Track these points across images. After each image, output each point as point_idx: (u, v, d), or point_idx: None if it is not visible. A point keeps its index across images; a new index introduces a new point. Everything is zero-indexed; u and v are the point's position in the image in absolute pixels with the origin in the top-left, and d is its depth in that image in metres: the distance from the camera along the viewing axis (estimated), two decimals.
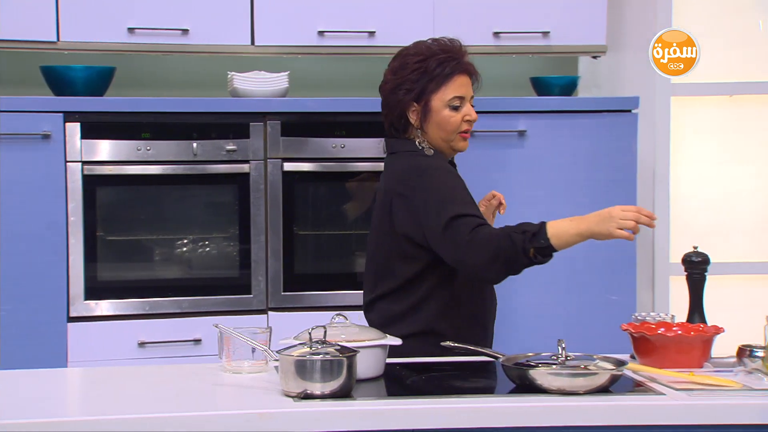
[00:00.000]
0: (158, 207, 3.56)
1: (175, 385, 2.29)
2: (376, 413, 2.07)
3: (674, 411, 2.09)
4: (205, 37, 3.56)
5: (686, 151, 4.08)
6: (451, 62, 2.65)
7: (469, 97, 2.68)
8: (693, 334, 2.40)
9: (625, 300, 3.68)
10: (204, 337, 3.45)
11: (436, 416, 2.08)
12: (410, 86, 2.65)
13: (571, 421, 2.08)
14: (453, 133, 2.67)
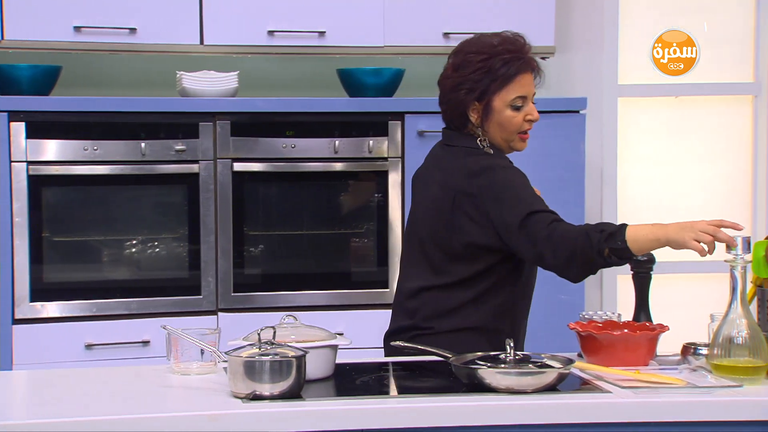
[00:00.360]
0: (106, 207, 3.52)
1: (122, 387, 2.27)
2: (325, 413, 2.07)
3: (620, 409, 2.11)
4: (153, 37, 3.53)
5: (633, 151, 4.13)
6: (516, 62, 2.55)
7: (531, 95, 2.59)
8: (639, 333, 2.43)
9: (574, 299, 3.71)
10: (152, 339, 3.42)
11: (385, 416, 2.08)
12: (472, 86, 2.56)
13: (518, 420, 2.10)
14: (514, 133, 2.60)
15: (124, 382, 2.31)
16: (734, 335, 2.26)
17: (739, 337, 2.25)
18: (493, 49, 2.57)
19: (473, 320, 2.57)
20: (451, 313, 2.58)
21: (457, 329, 2.54)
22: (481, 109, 2.58)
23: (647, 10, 4.10)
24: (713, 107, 4.14)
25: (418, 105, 3.66)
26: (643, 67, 4.10)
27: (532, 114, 2.60)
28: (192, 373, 2.34)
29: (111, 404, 2.13)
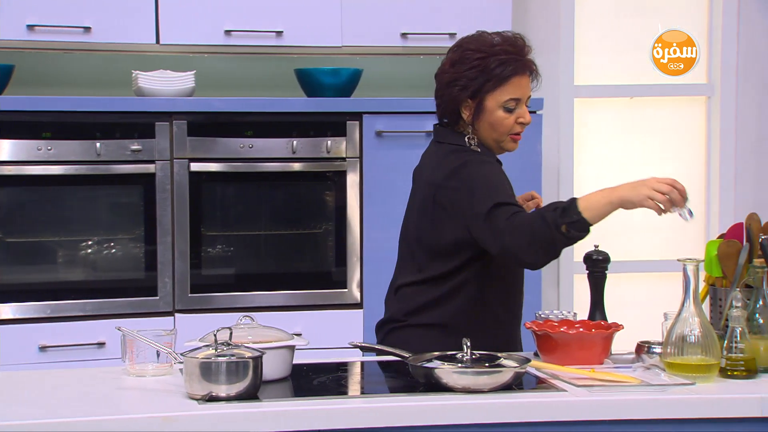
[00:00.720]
0: (61, 208, 3.49)
1: (77, 389, 2.25)
2: (281, 414, 2.06)
3: (574, 407, 2.13)
4: (108, 36, 3.50)
5: (589, 151, 4.17)
6: (512, 63, 2.55)
7: (525, 97, 2.59)
8: (594, 332, 2.45)
9: (531, 298, 3.71)
10: (108, 341, 3.39)
11: (341, 416, 2.08)
12: (466, 83, 2.55)
13: (475, 419, 2.11)
14: (504, 134, 2.60)
15: (78, 384, 2.29)
16: (687, 333, 2.29)
17: (692, 335, 2.28)
18: (491, 48, 2.56)
19: (445, 316, 2.57)
20: (423, 308, 2.59)
21: (430, 324, 2.55)
22: (474, 108, 2.57)
23: (603, 11, 4.14)
24: (667, 108, 4.19)
25: (376, 105, 3.66)
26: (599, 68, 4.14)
27: (524, 117, 2.60)
28: (147, 374, 2.32)
29: (65, 407, 2.11)
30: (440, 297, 2.57)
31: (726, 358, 2.31)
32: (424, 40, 3.76)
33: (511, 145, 2.64)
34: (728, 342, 2.32)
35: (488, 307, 2.60)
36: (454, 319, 2.56)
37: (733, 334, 2.31)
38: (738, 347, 2.31)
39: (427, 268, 2.59)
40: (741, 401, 2.17)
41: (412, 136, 3.67)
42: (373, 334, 3.55)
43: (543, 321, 2.52)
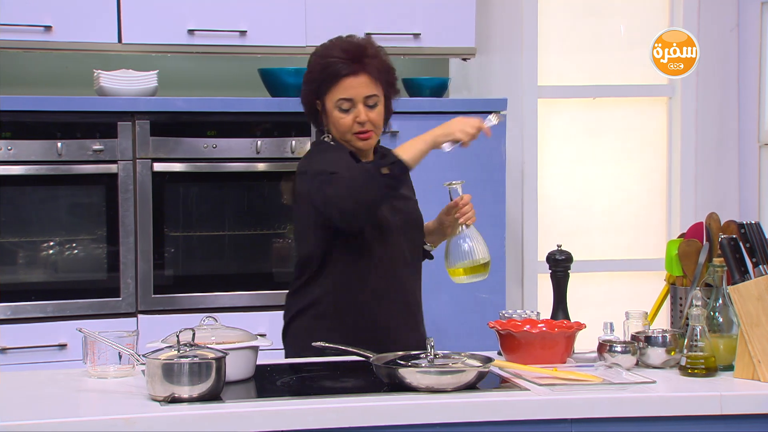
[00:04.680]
0: (21, 208, 3.45)
1: (37, 391, 2.23)
2: (244, 415, 2.06)
3: (537, 406, 2.14)
4: (69, 34, 3.47)
5: (552, 152, 4.19)
6: (344, 64, 2.66)
7: (360, 97, 2.66)
8: (556, 331, 2.46)
9: (496, 298, 3.75)
10: (70, 342, 3.36)
11: (305, 417, 2.08)
12: (310, 86, 2.71)
13: (438, 419, 2.11)
14: (345, 133, 2.70)
15: (39, 387, 2.27)
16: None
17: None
18: (328, 51, 2.71)
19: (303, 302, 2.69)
20: (289, 299, 2.74)
21: (293, 314, 2.70)
22: (321, 109, 2.72)
23: (566, 12, 4.17)
24: (630, 108, 4.23)
25: None
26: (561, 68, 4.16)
27: (360, 116, 2.68)
28: (109, 376, 2.30)
29: (25, 409, 2.09)
30: (308, 281, 2.68)
31: (686, 356, 2.34)
32: (387, 40, 3.73)
33: (359, 143, 2.73)
34: (688, 340, 2.34)
35: (348, 288, 2.68)
36: (322, 302, 2.68)
37: (694, 333, 2.34)
38: (698, 346, 2.33)
39: (298, 255, 2.75)
40: (701, 399, 2.19)
41: None
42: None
43: (506, 320, 2.54)
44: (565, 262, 2.64)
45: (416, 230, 2.80)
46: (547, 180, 4.16)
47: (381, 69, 2.71)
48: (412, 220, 2.79)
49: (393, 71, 2.78)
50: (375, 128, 2.72)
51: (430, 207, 3.65)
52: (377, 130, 2.73)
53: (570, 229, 4.15)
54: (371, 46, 2.72)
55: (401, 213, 2.75)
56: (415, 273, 2.79)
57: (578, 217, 4.20)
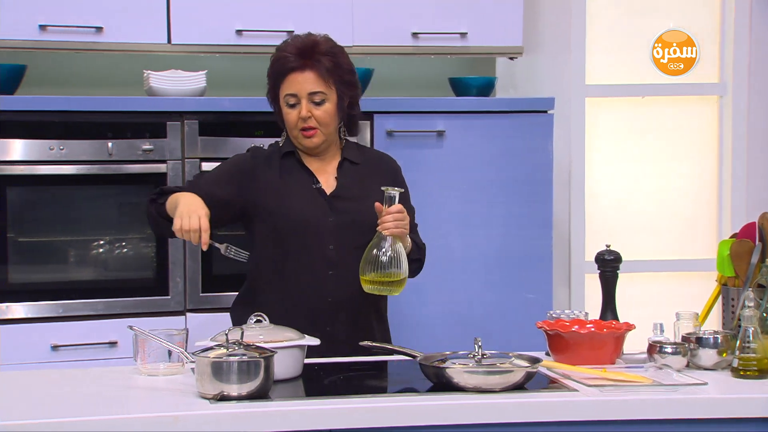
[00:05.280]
0: (72, 208, 3.49)
1: (89, 388, 2.25)
2: (292, 414, 2.07)
3: (586, 407, 2.13)
4: (120, 35, 3.51)
5: (600, 151, 4.16)
6: (290, 60, 2.70)
7: (305, 93, 2.70)
8: (605, 331, 2.44)
9: (542, 298, 3.73)
10: (120, 340, 3.40)
11: (352, 416, 2.08)
12: (269, 81, 2.79)
13: (486, 419, 2.11)
14: (292, 129, 2.75)
15: (90, 384, 2.30)
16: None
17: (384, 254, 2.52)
18: (282, 46, 2.77)
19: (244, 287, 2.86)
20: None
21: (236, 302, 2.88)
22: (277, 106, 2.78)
23: (614, 10, 4.13)
24: (679, 107, 4.18)
25: (387, 105, 3.66)
26: (610, 66, 4.13)
27: (302, 111, 2.71)
28: (159, 374, 2.33)
29: (77, 406, 2.11)
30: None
31: (738, 358, 2.30)
32: (435, 39, 3.76)
33: (304, 140, 2.76)
34: (740, 342, 2.31)
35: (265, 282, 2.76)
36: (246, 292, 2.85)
37: (746, 334, 2.31)
38: (750, 347, 2.30)
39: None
40: (753, 401, 2.16)
41: (422, 135, 3.67)
42: None
43: (554, 321, 2.52)
44: (614, 262, 2.61)
45: (351, 232, 2.72)
46: (594, 180, 4.13)
47: (332, 67, 2.71)
48: (348, 222, 2.73)
49: (351, 72, 2.77)
50: (320, 126, 2.72)
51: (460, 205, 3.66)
52: (323, 128, 2.72)
53: (618, 229, 4.11)
54: (325, 43, 2.74)
55: (337, 213, 2.74)
56: (348, 274, 2.67)
57: (626, 217, 4.16)
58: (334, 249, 2.72)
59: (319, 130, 2.72)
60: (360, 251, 2.66)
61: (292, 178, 2.77)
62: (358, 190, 2.76)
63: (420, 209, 3.67)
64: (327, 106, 2.71)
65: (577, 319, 2.52)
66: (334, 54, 2.73)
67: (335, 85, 2.72)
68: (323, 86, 2.69)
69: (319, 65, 2.70)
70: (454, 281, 3.67)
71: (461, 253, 3.67)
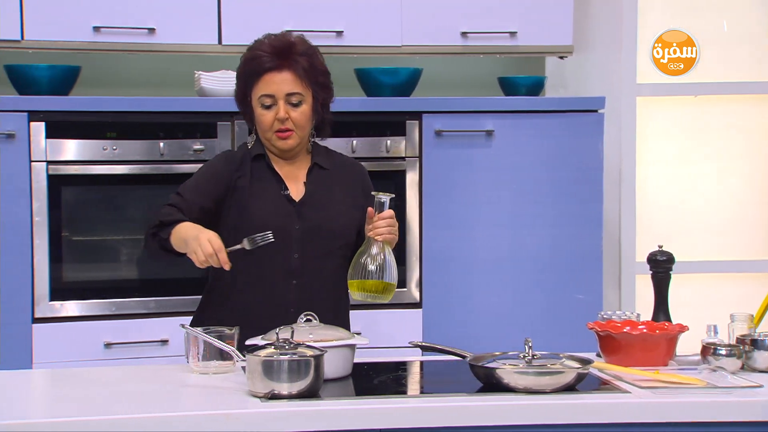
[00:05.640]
0: (124, 207, 3.53)
1: (141, 386, 2.28)
2: (342, 413, 2.07)
3: (639, 409, 2.11)
4: (171, 36, 3.54)
5: (651, 150, 4.11)
6: (268, 58, 2.62)
7: (282, 94, 2.62)
8: (658, 333, 2.42)
9: (592, 299, 3.70)
10: (171, 338, 3.43)
11: (402, 416, 2.08)
12: (239, 81, 2.69)
13: (537, 420, 2.09)
14: (266, 131, 2.65)
15: (142, 381, 2.32)
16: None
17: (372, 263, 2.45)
18: (255, 45, 2.68)
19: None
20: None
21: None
22: (248, 106, 2.68)
23: (665, 8, 4.08)
24: (732, 106, 4.12)
25: (436, 104, 3.66)
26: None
27: (279, 113, 2.63)
28: (210, 372, 2.34)
29: (129, 403, 2.14)
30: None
31: None
32: (483, 39, 3.74)
33: (279, 142, 2.67)
34: None
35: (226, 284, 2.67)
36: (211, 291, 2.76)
37: None
38: None
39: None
40: None
41: (471, 135, 3.66)
42: (433, 334, 3.56)
43: (605, 321, 2.50)
44: (667, 263, 2.58)
45: (317, 240, 2.65)
46: (645, 179, 4.09)
47: (309, 68, 2.64)
48: (315, 230, 2.66)
49: (325, 74, 2.70)
50: (297, 128, 2.64)
51: (510, 205, 3.65)
52: (299, 130, 2.65)
53: (669, 229, 4.06)
54: (302, 43, 2.67)
55: (304, 221, 2.65)
56: (313, 283, 2.64)
57: (678, 218, 4.12)
58: (298, 258, 2.64)
59: (294, 132, 2.64)
60: (325, 260, 2.63)
61: (261, 184, 2.68)
62: (326, 196, 2.69)
63: (469, 209, 3.67)
64: (304, 108, 2.64)
65: (628, 320, 2.50)
66: (310, 55, 2.65)
67: (311, 86, 2.64)
68: (300, 87, 2.62)
69: (296, 65, 2.62)
70: (503, 281, 3.65)
71: (510, 253, 3.66)
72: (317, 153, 2.75)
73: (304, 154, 2.73)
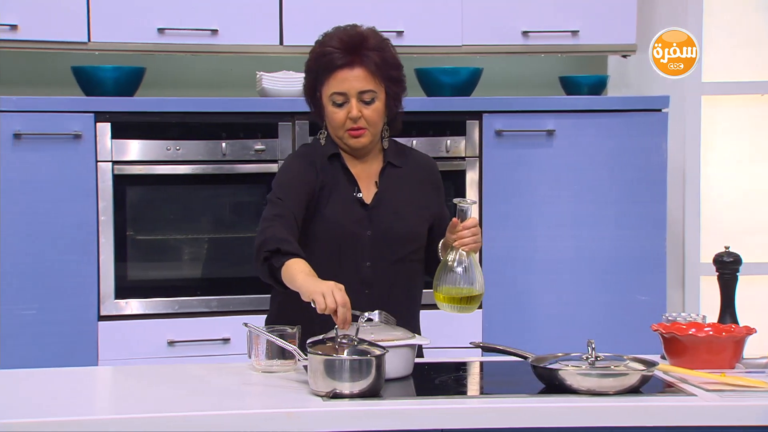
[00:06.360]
0: (187, 206, 3.57)
1: (204, 383, 2.30)
2: (404, 413, 2.07)
3: (705, 412, 2.07)
4: (234, 37, 3.57)
5: (716, 150, 4.05)
6: (339, 54, 2.52)
7: (354, 92, 2.52)
8: (724, 335, 2.38)
9: (654, 300, 3.65)
10: (232, 336, 3.46)
11: (464, 416, 2.07)
12: (308, 76, 2.60)
13: (600, 422, 2.07)
14: (338, 129, 2.56)
15: (205, 379, 2.34)
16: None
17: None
18: (325, 40, 2.58)
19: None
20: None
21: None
22: (317, 102, 2.59)
23: (732, 5, 4.02)
24: None
25: (496, 104, 3.64)
26: (727, 64, 4.02)
27: (352, 111, 2.53)
28: (272, 370, 2.36)
29: (192, 401, 2.16)
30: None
31: None
32: (545, 38, 3.72)
33: (351, 141, 2.58)
34: None
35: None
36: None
37: None
38: None
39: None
40: None
41: (532, 135, 3.64)
42: (493, 334, 3.54)
43: (670, 323, 2.47)
44: (734, 264, 2.54)
45: (389, 245, 2.57)
46: (710, 179, 4.03)
47: (381, 63, 2.53)
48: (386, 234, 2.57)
49: (398, 67, 2.59)
50: (369, 126, 2.55)
51: (571, 206, 3.61)
52: (372, 128, 2.55)
53: (735, 230, 4.00)
54: (373, 37, 2.56)
55: (375, 226, 2.56)
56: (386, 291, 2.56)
57: (743, 218, 4.05)
58: (370, 266, 2.56)
59: (367, 129, 2.54)
60: (397, 266, 2.57)
61: (336, 186, 2.59)
62: (397, 197, 2.60)
63: (529, 209, 3.65)
64: (377, 105, 2.54)
65: (693, 322, 2.46)
66: (382, 49, 2.54)
67: (383, 81, 2.54)
68: (372, 84, 2.52)
69: (368, 61, 2.51)
70: (564, 282, 3.62)
71: (572, 253, 3.63)
72: (390, 150, 2.65)
73: (377, 152, 2.64)
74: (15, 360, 3.29)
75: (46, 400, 2.16)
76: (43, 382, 2.33)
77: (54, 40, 3.47)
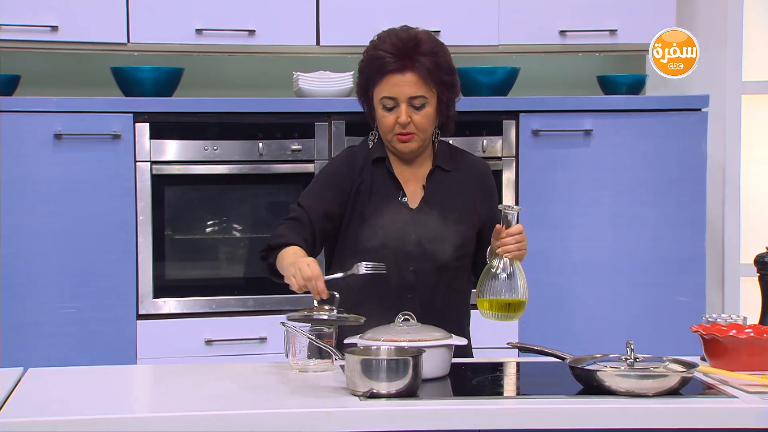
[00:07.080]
0: (224, 206, 3.59)
1: (242, 382, 2.31)
2: (441, 413, 2.06)
3: (747, 414, 2.05)
4: (271, 38, 3.59)
5: (757, 149, 4.01)
6: (391, 58, 2.49)
7: (404, 97, 2.49)
8: (765, 336, 2.35)
9: (694, 301, 3.62)
10: (269, 336, 3.48)
11: (501, 417, 2.06)
12: (361, 78, 2.59)
13: (639, 424, 2.06)
14: (387, 133, 2.54)
15: (243, 378, 2.35)
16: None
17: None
18: (378, 42, 2.56)
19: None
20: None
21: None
22: (369, 104, 2.58)
23: None
24: None
25: (533, 104, 3.62)
26: None
27: (401, 117, 2.50)
28: (309, 370, 2.36)
29: (230, 400, 2.17)
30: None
31: None
32: (582, 37, 3.70)
33: (399, 146, 2.56)
34: None
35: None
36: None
37: None
38: None
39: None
40: None
41: (569, 135, 3.62)
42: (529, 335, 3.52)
43: (710, 325, 2.44)
44: None
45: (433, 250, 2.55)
46: (750, 179, 3.98)
47: (433, 68, 2.49)
48: (431, 239, 2.55)
49: (451, 71, 2.55)
50: (419, 131, 2.52)
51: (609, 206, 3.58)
52: (421, 133, 2.53)
53: None
54: (427, 41, 2.52)
55: (420, 230, 2.55)
56: (431, 297, 2.55)
57: None
58: (414, 271, 2.55)
59: (416, 135, 2.52)
60: (442, 272, 2.55)
61: (380, 190, 2.58)
62: (444, 202, 2.57)
63: (567, 209, 3.63)
64: (427, 110, 2.51)
65: (734, 324, 2.43)
66: (435, 53, 2.51)
67: (435, 87, 2.50)
68: (424, 89, 2.49)
69: (420, 66, 2.48)
70: (602, 282, 3.60)
71: (610, 253, 3.60)
72: (440, 153, 2.63)
73: (427, 155, 2.62)
74: (54, 358, 3.33)
75: (86, 398, 2.18)
76: (83, 380, 2.35)
77: (93, 41, 3.50)
